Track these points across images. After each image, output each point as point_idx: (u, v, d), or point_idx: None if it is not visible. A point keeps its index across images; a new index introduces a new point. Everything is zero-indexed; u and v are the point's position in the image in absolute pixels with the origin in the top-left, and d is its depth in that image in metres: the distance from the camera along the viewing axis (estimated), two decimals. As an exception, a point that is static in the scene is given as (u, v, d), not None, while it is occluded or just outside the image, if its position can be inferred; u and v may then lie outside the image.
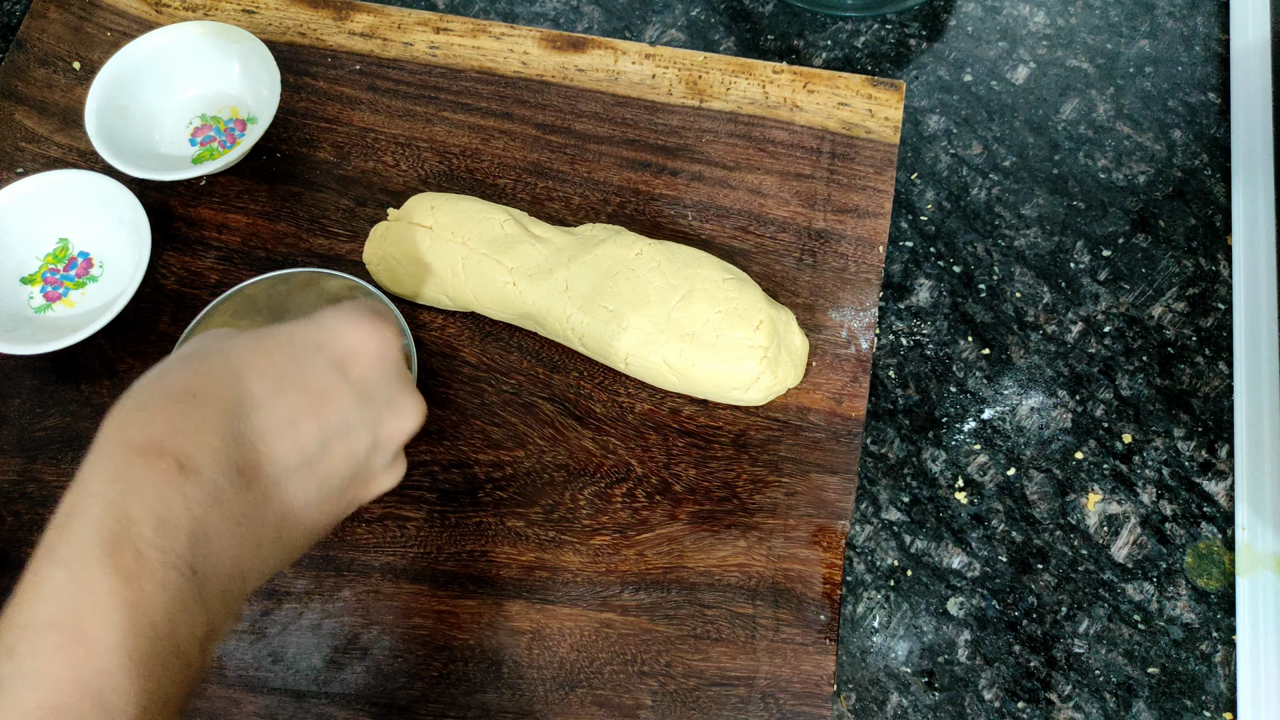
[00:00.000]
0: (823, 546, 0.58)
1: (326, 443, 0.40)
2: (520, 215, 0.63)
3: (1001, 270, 0.66)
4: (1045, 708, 0.56)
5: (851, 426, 0.61)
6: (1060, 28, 0.74)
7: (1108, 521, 0.60)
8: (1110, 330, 0.65)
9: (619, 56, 0.71)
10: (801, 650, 0.56)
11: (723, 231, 0.66)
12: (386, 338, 0.42)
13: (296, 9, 0.73)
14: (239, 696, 0.56)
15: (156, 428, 0.36)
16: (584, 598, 0.58)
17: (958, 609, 0.59)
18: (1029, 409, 0.63)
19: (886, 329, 0.65)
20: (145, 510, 0.35)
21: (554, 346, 0.63)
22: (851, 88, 0.70)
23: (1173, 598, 0.59)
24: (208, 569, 0.36)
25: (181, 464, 0.35)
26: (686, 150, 0.69)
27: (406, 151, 0.69)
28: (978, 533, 0.60)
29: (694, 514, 0.59)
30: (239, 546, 0.37)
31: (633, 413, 0.62)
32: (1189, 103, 0.71)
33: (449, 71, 0.71)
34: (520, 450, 0.61)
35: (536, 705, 0.56)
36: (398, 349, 0.43)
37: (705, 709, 0.55)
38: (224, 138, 0.69)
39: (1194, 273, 0.66)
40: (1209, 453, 0.62)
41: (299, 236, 0.67)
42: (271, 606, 0.58)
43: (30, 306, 0.64)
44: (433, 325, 0.64)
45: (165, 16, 0.74)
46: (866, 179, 0.67)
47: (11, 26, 0.75)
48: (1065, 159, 0.70)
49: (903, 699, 0.57)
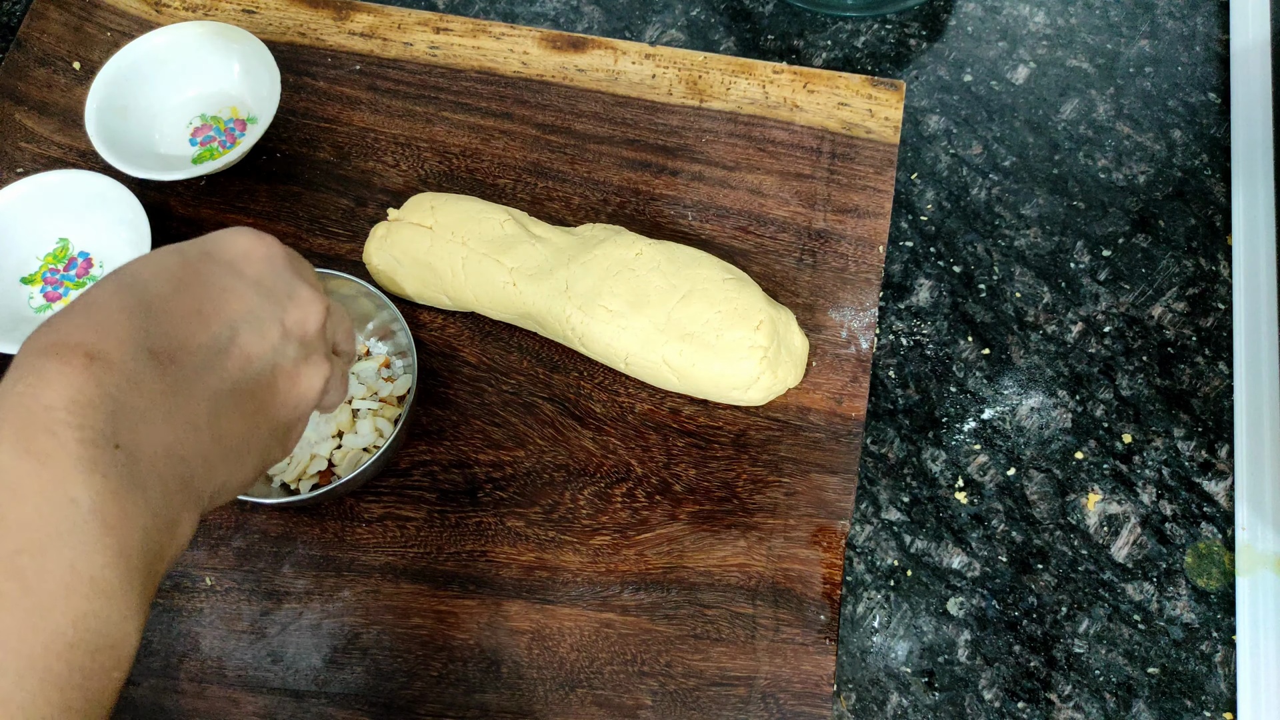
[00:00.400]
0: (823, 546, 0.58)
1: (235, 330, 0.40)
2: (520, 215, 0.63)
3: (1001, 270, 0.66)
4: (1045, 708, 0.56)
5: (851, 426, 0.61)
6: (1060, 28, 0.74)
7: (1108, 521, 0.60)
8: (1110, 330, 0.65)
9: (619, 56, 0.71)
10: (801, 650, 0.56)
11: (723, 231, 0.66)
12: (272, 241, 0.44)
13: (296, 9, 0.73)
14: (239, 696, 0.56)
15: (61, 332, 0.36)
16: (584, 598, 0.58)
17: (958, 609, 0.59)
18: (1029, 409, 0.63)
19: (886, 329, 0.65)
20: (57, 395, 0.34)
21: (554, 346, 0.63)
22: (851, 88, 0.70)
23: (1173, 598, 0.59)
24: (136, 447, 0.35)
25: (91, 354, 0.35)
26: (686, 150, 0.69)
27: (406, 151, 0.69)
28: (978, 533, 0.60)
29: (694, 514, 0.59)
30: (169, 426, 0.36)
31: (633, 413, 0.62)
32: (1189, 103, 0.71)
33: (449, 71, 0.71)
34: (520, 450, 0.61)
35: (536, 705, 0.56)
36: (286, 251, 0.44)
37: (705, 709, 0.55)
38: (224, 138, 0.69)
39: (1194, 273, 0.66)
40: (1209, 453, 0.62)
41: (299, 236, 0.67)
42: (271, 607, 0.58)
43: (30, 306, 0.64)
44: (433, 325, 0.64)
45: (165, 16, 0.74)
46: (866, 179, 0.67)
47: (11, 26, 0.75)
48: (1065, 159, 0.70)
49: (903, 699, 0.57)
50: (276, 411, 0.42)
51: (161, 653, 0.57)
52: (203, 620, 0.58)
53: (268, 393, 0.41)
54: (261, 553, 0.59)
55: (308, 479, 0.59)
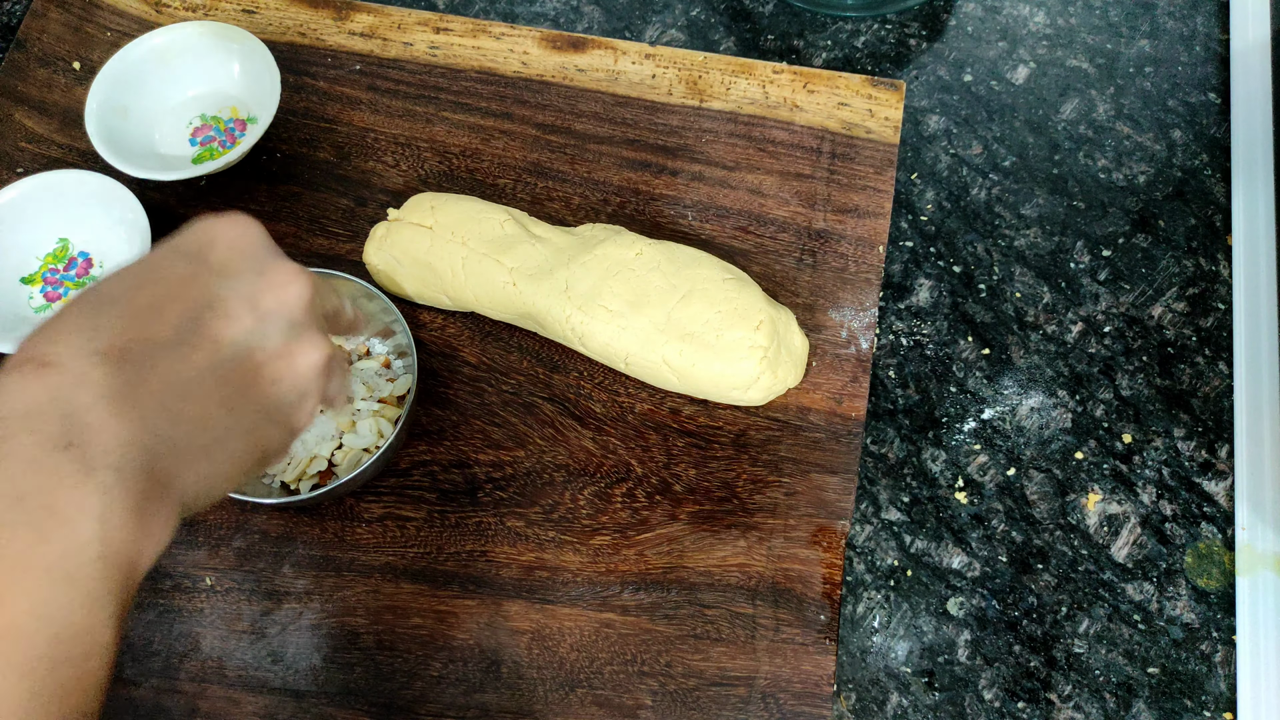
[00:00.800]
0: (823, 546, 0.58)
1: (197, 319, 0.40)
2: (520, 215, 0.63)
3: (1001, 270, 0.66)
4: (1045, 708, 0.56)
5: (851, 426, 0.61)
6: (1060, 28, 0.74)
7: (1108, 521, 0.60)
8: (1110, 330, 0.65)
9: (619, 56, 0.71)
10: (801, 650, 0.56)
11: (723, 231, 0.66)
12: (242, 221, 0.43)
13: (296, 9, 0.73)
14: (239, 696, 0.56)
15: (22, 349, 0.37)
16: (584, 598, 0.58)
17: (958, 609, 0.59)
18: (1029, 409, 0.63)
19: (886, 329, 0.65)
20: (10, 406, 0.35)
21: (554, 346, 0.63)
22: (851, 88, 0.70)
23: (1173, 598, 0.59)
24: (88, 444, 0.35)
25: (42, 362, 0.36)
26: (686, 150, 0.69)
27: (406, 151, 0.69)
28: (978, 533, 0.60)
29: (694, 514, 0.59)
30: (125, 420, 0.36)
31: (633, 413, 0.62)
32: (1189, 103, 0.71)
33: (449, 71, 0.71)
34: (520, 450, 0.61)
35: (536, 705, 0.56)
36: (257, 231, 0.43)
37: (705, 709, 0.55)
38: (224, 138, 0.69)
39: (1194, 273, 0.66)
40: (1209, 453, 0.62)
41: (299, 236, 0.67)
42: (271, 606, 0.58)
43: (30, 306, 0.64)
44: (433, 325, 0.64)
45: (165, 16, 0.74)
46: (866, 179, 0.67)
47: (11, 26, 0.75)
48: (1065, 159, 0.70)
49: (903, 699, 0.57)
50: (265, 392, 0.41)
51: (162, 653, 0.57)
52: (203, 620, 0.58)
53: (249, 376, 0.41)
54: (262, 553, 0.59)
55: (308, 479, 0.59)
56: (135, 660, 0.57)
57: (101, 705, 0.35)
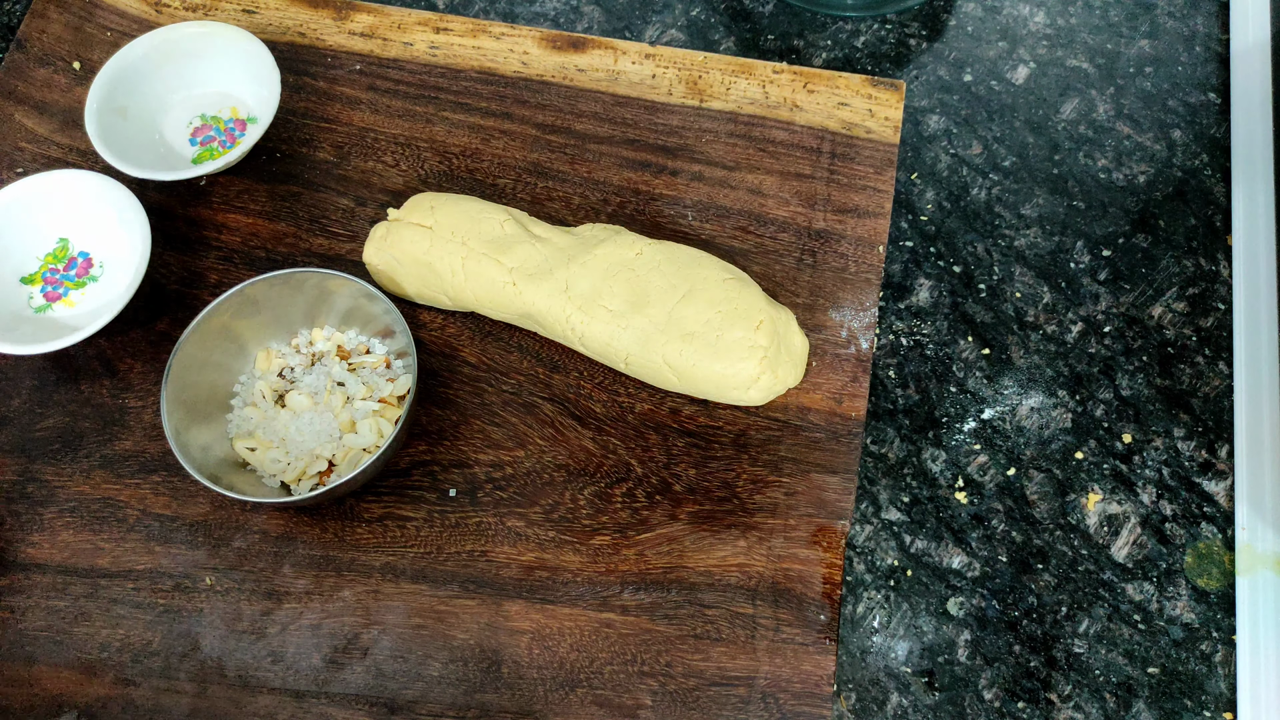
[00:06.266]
0: (823, 546, 0.58)
1: None
2: (520, 215, 0.63)
3: (1001, 270, 0.66)
4: (1045, 708, 0.56)
5: (851, 426, 0.61)
6: (1060, 28, 0.74)
7: (1108, 521, 0.60)
8: (1110, 330, 0.65)
9: (619, 56, 0.71)
10: (801, 650, 0.56)
11: (723, 231, 0.66)
12: None
13: (296, 9, 0.73)
14: (239, 696, 0.56)
15: None
16: (584, 598, 0.58)
17: (958, 609, 0.59)
18: (1029, 409, 0.63)
19: (886, 329, 0.65)
20: None
21: (554, 346, 0.63)
22: (851, 88, 0.70)
23: (1173, 598, 0.59)
24: None
25: None
26: (686, 150, 0.69)
27: (406, 151, 0.69)
28: (978, 533, 0.60)
29: (694, 514, 0.59)
30: None
31: (633, 413, 0.62)
32: (1189, 103, 0.71)
33: (449, 71, 0.71)
34: (520, 450, 0.61)
35: (536, 705, 0.56)
36: None
37: (705, 709, 0.55)
38: (224, 138, 0.69)
39: (1194, 273, 0.66)
40: (1209, 453, 0.62)
41: (299, 236, 0.67)
42: (271, 606, 0.58)
43: (30, 306, 0.64)
44: (433, 325, 0.64)
45: (165, 16, 0.74)
46: (866, 179, 0.67)
47: (11, 26, 0.75)
48: (1065, 159, 0.70)
49: (903, 699, 0.57)
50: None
51: (161, 653, 0.57)
52: (203, 620, 0.58)
53: None
54: (261, 553, 0.59)
55: (308, 479, 0.59)
56: (135, 660, 0.57)
57: None
